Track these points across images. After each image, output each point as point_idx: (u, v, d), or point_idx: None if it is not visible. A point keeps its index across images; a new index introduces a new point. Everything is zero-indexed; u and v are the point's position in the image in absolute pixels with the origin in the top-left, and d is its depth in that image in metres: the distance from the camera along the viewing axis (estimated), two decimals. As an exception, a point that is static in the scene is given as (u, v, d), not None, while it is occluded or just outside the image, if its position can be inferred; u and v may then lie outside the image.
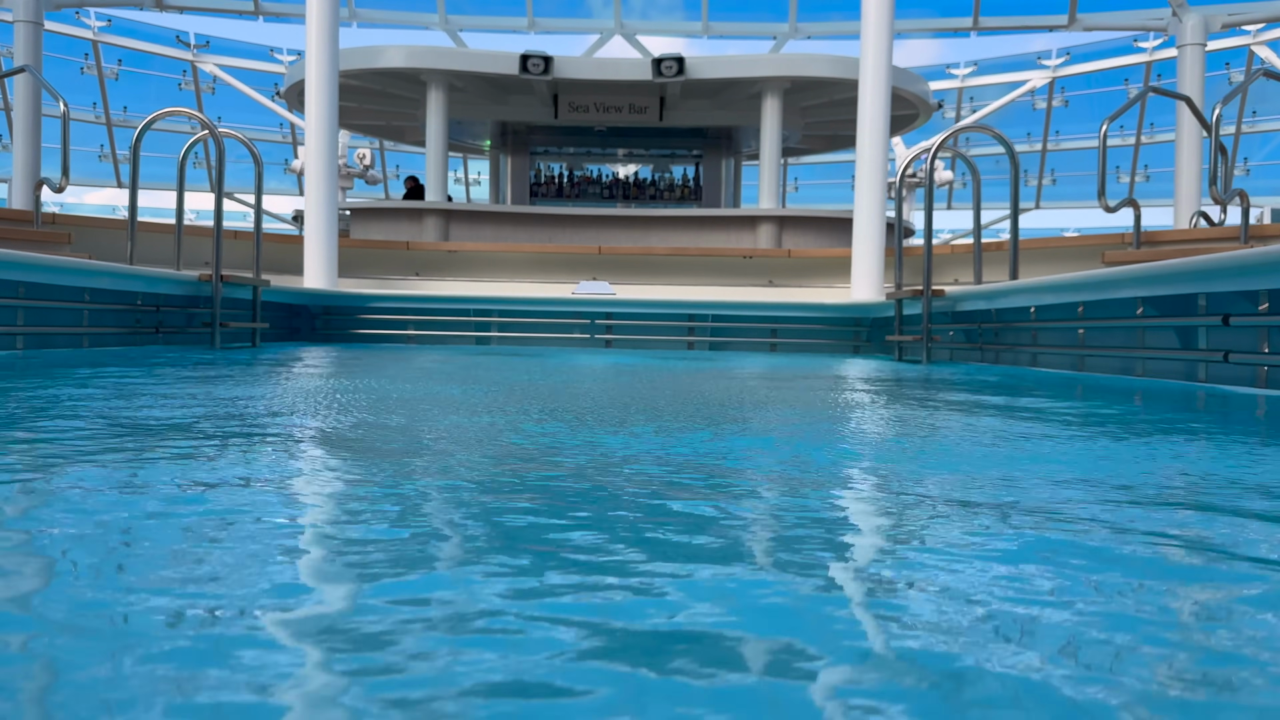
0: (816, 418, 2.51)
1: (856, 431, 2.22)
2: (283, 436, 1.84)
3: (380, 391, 2.95)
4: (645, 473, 1.47)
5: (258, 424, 2.03)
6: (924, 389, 3.76)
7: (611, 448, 1.75)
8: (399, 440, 1.85)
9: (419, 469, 1.49)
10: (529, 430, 2.01)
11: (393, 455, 1.64)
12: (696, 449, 1.76)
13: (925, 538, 1.08)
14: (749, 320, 8.33)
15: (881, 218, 8.60)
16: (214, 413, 2.22)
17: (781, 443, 1.95)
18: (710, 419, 2.34)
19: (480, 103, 13.96)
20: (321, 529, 1.10)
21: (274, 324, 7.92)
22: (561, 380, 3.72)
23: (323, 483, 1.39)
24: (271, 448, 1.67)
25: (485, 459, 1.60)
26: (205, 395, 2.70)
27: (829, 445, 1.94)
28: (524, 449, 1.74)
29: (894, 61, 8.91)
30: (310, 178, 8.72)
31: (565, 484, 1.36)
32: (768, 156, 12.42)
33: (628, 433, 1.99)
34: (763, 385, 3.71)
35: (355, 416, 2.22)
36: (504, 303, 8.48)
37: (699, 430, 2.09)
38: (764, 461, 1.68)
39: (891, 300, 6.76)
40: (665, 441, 1.87)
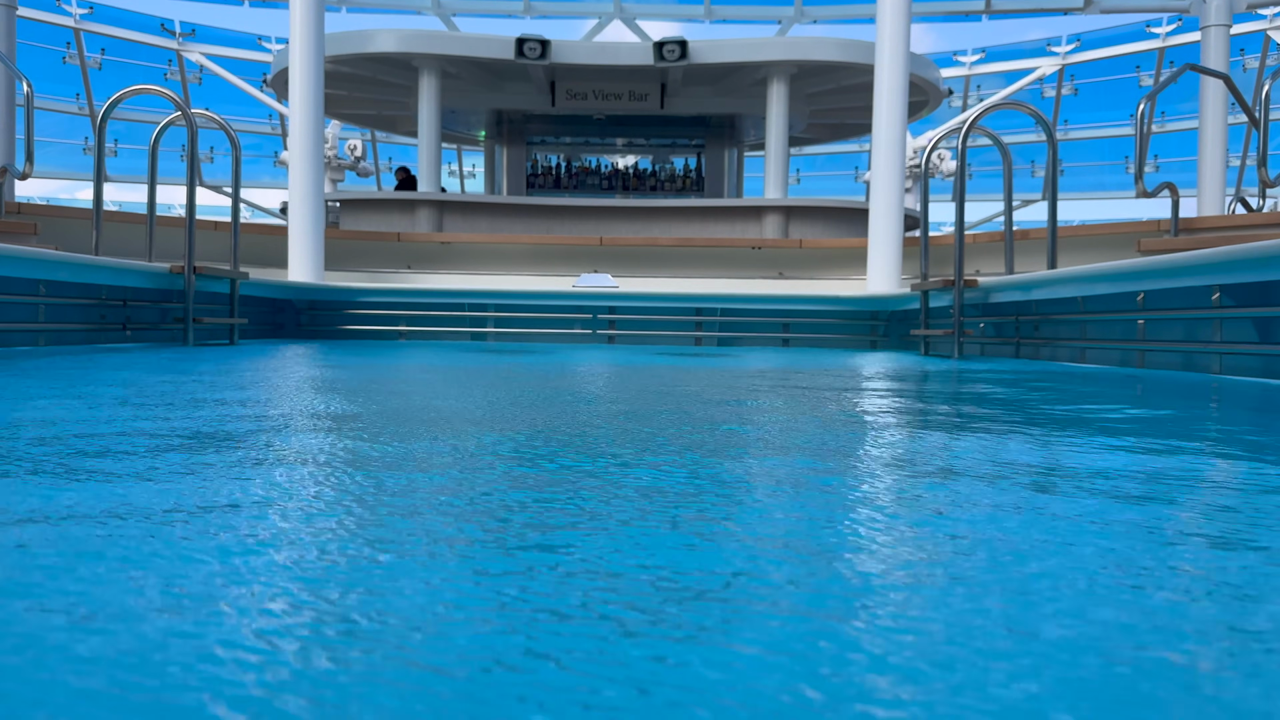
0: (908, 456, 2.05)
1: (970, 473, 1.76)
2: (208, 465, 1.37)
3: (348, 406, 2.49)
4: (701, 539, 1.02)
5: (189, 443, 1.57)
6: (992, 397, 3.30)
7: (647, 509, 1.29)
8: (366, 488, 1.38)
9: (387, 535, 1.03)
10: (538, 474, 1.55)
11: (360, 508, 1.17)
12: (779, 526, 1.30)
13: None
14: (760, 314, 7.87)
15: (899, 205, 8.14)
16: (137, 428, 1.76)
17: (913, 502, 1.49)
18: (773, 448, 1.88)
19: (475, 90, 13.47)
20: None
21: (256, 320, 7.44)
22: (570, 388, 3.26)
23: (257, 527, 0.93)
24: (191, 479, 1.21)
25: (481, 513, 1.13)
26: (138, 402, 2.23)
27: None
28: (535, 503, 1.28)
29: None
30: (294, 165, 8.24)
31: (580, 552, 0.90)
32: (774, 144, 11.95)
33: (667, 468, 1.53)
34: (811, 395, 3.25)
35: (314, 442, 1.75)
36: (501, 296, 8.01)
37: (762, 487, 1.63)
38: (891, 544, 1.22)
39: (916, 291, 6.30)
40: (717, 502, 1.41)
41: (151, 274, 5.59)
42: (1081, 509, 1.10)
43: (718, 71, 12.51)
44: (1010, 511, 1.08)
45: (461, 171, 22.61)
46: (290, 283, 7.73)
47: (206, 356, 4.62)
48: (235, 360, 4.33)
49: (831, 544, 0.92)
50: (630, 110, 13.62)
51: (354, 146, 15.83)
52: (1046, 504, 1.14)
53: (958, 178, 5.80)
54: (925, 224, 6.34)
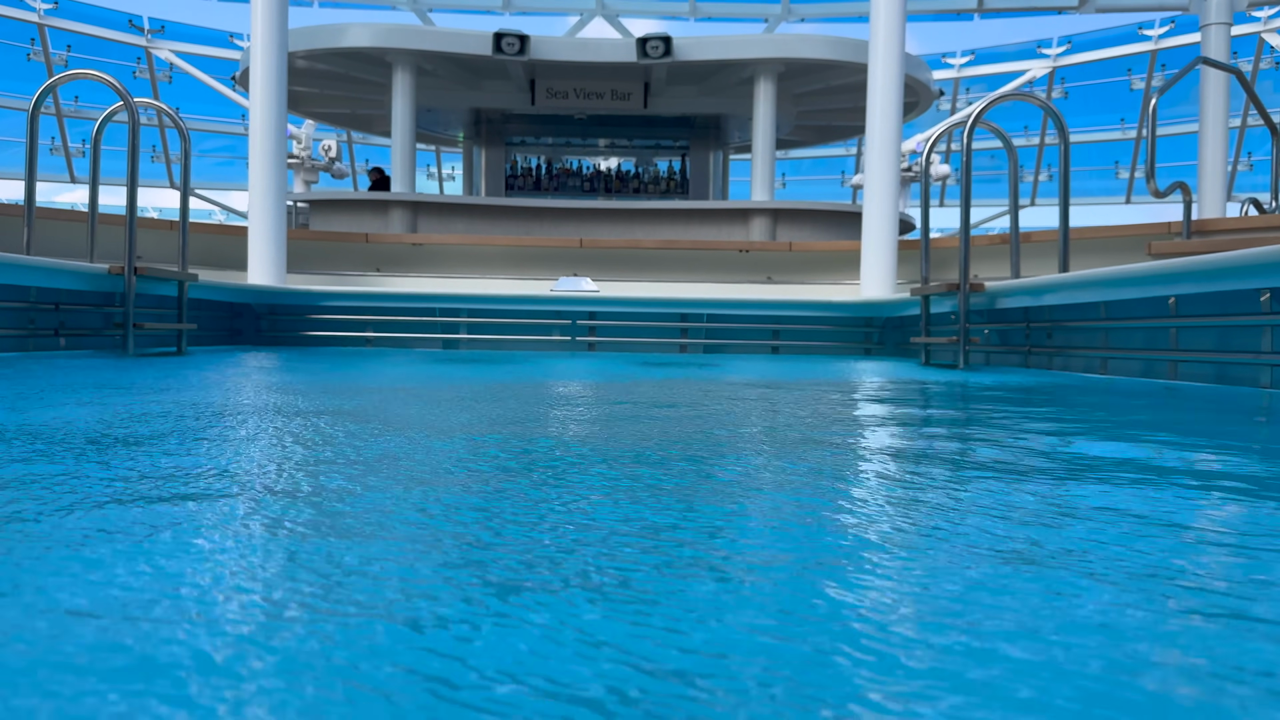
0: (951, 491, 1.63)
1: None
2: (107, 501, 0.94)
3: (296, 431, 2.05)
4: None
5: (84, 481, 1.13)
6: (1014, 411, 2.88)
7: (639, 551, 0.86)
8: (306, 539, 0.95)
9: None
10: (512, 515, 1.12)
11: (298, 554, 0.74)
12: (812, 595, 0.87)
13: None
14: (748, 320, 7.45)
15: (895, 207, 7.74)
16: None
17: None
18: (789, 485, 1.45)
19: (452, 88, 13.02)
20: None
21: (210, 325, 6.96)
22: (547, 401, 2.83)
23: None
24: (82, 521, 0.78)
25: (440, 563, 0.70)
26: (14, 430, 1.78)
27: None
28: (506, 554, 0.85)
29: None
30: (254, 160, 7.77)
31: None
32: (761, 145, 11.55)
33: (668, 514, 1.11)
34: (819, 410, 2.82)
35: (246, 475, 1.32)
36: (474, 301, 7.55)
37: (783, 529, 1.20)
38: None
39: (916, 296, 5.89)
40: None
41: (87, 275, 5.11)
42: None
43: (703, 70, 12.11)
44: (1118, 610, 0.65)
45: (440, 174, 22.13)
46: (248, 285, 7.25)
47: (139, 368, 4.15)
48: (168, 373, 3.86)
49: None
50: (613, 110, 13.20)
51: (328, 147, 15.32)
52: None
53: (964, 174, 5.39)
54: (926, 225, 5.93)
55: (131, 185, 5.36)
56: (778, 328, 7.47)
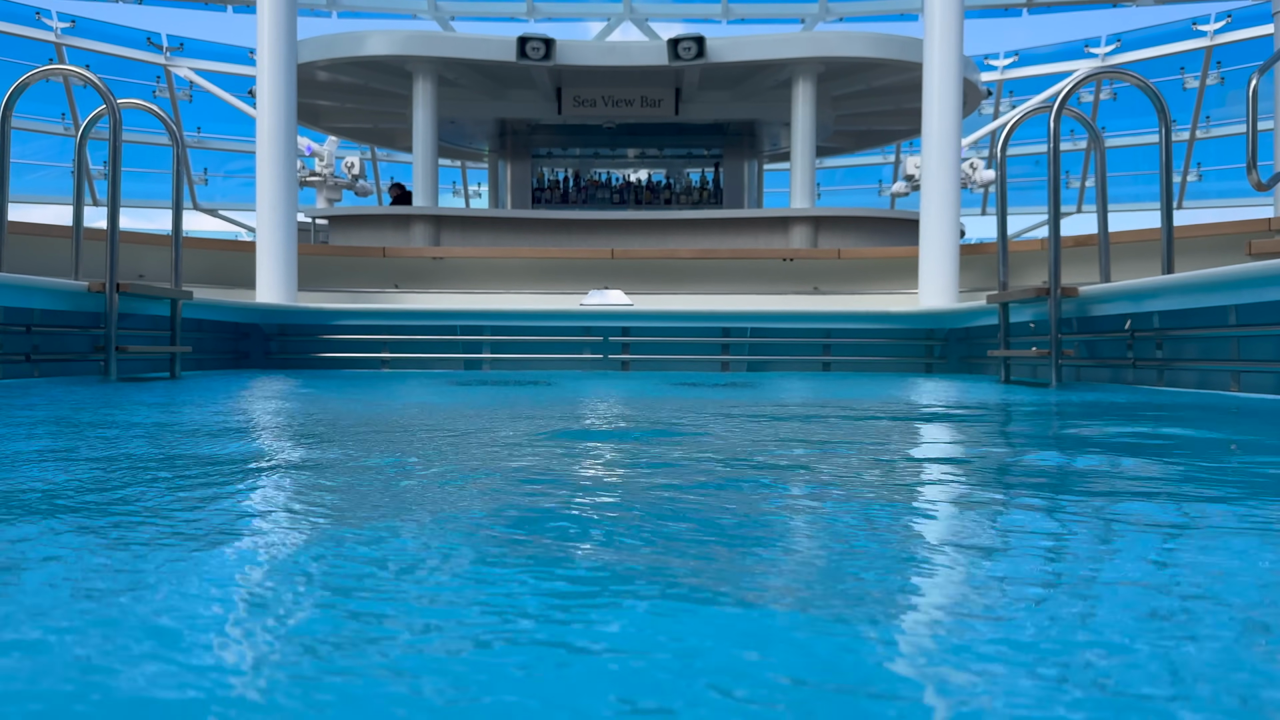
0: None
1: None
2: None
3: (280, 485, 1.45)
4: None
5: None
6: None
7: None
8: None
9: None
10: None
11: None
12: None
13: None
14: (797, 334, 6.81)
15: (955, 209, 7.09)
16: None
17: None
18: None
19: (475, 97, 12.50)
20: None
21: (213, 348, 6.42)
22: (563, 465, 2.23)
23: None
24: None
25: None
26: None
27: None
28: None
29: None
30: (262, 172, 7.25)
31: None
32: (800, 150, 10.91)
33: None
34: (939, 452, 2.19)
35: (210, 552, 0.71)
36: (498, 317, 6.97)
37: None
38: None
39: (992, 304, 5.22)
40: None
41: (64, 293, 4.57)
42: None
43: (738, 72, 11.50)
44: None
45: (466, 190, 21.68)
46: (253, 304, 6.71)
47: (107, 398, 3.58)
48: (137, 405, 3.29)
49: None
50: (642, 118, 12.62)
51: (351, 164, 14.87)
52: None
53: (1050, 163, 4.73)
54: (1003, 223, 5.27)
55: (113, 192, 4.82)
56: (829, 342, 6.82)
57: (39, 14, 15.32)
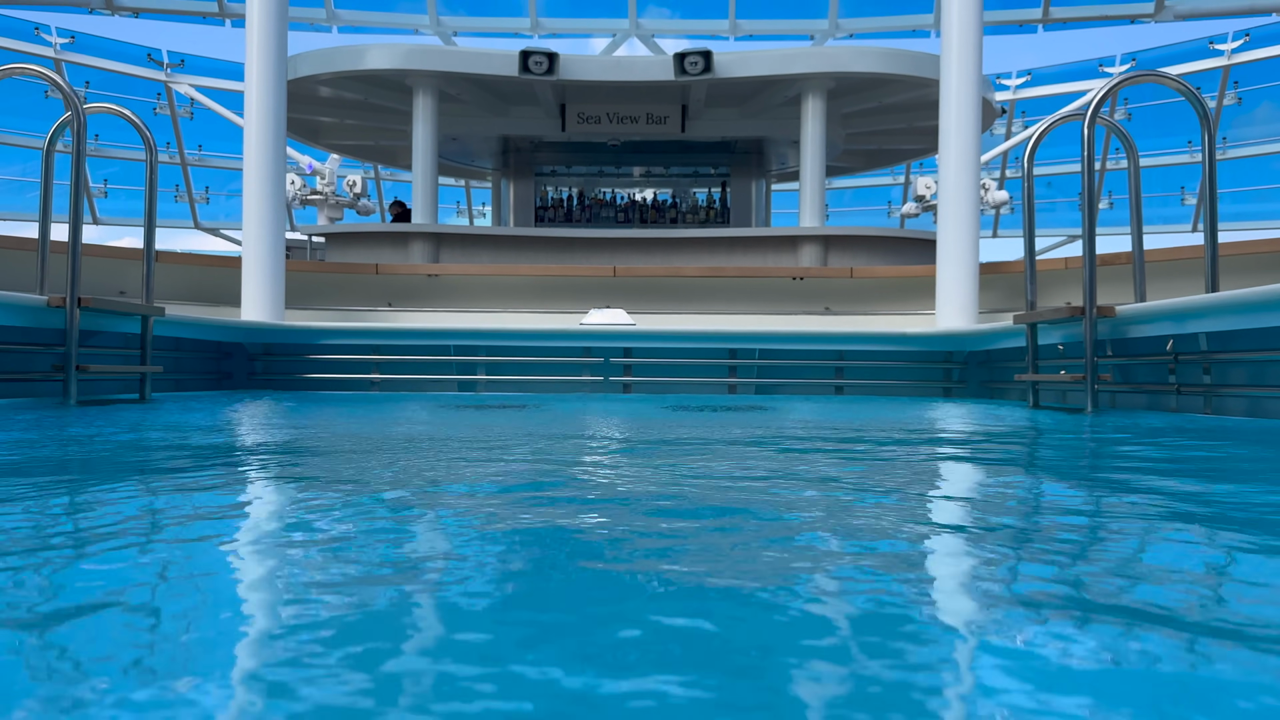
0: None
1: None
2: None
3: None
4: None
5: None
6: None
7: None
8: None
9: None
10: None
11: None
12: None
13: None
14: (808, 356, 6.46)
15: (974, 227, 6.76)
16: None
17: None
18: None
19: (478, 114, 12.23)
20: None
21: (194, 368, 6.10)
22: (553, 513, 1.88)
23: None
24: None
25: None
26: None
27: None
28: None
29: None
30: (249, 184, 6.95)
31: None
32: (810, 167, 10.60)
33: None
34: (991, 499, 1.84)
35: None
36: (494, 337, 6.64)
37: None
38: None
39: (1020, 325, 4.87)
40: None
41: (18, 308, 4.25)
42: None
43: (746, 88, 11.21)
44: None
45: (470, 209, 21.43)
46: (234, 322, 6.38)
47: (50, 423, 3.25)
48: (76, 433, 2.96)
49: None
50: (648, 135, 12.33)
51: (353, 183, 14.62)
52: None
53: (1084, 173, 4.40)
54: (1030, 240, 4.92)
55: (75, 201, 4.52)
56: (842, 364, 6.47)
57: (38, 29, 15.14)
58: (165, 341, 5.68)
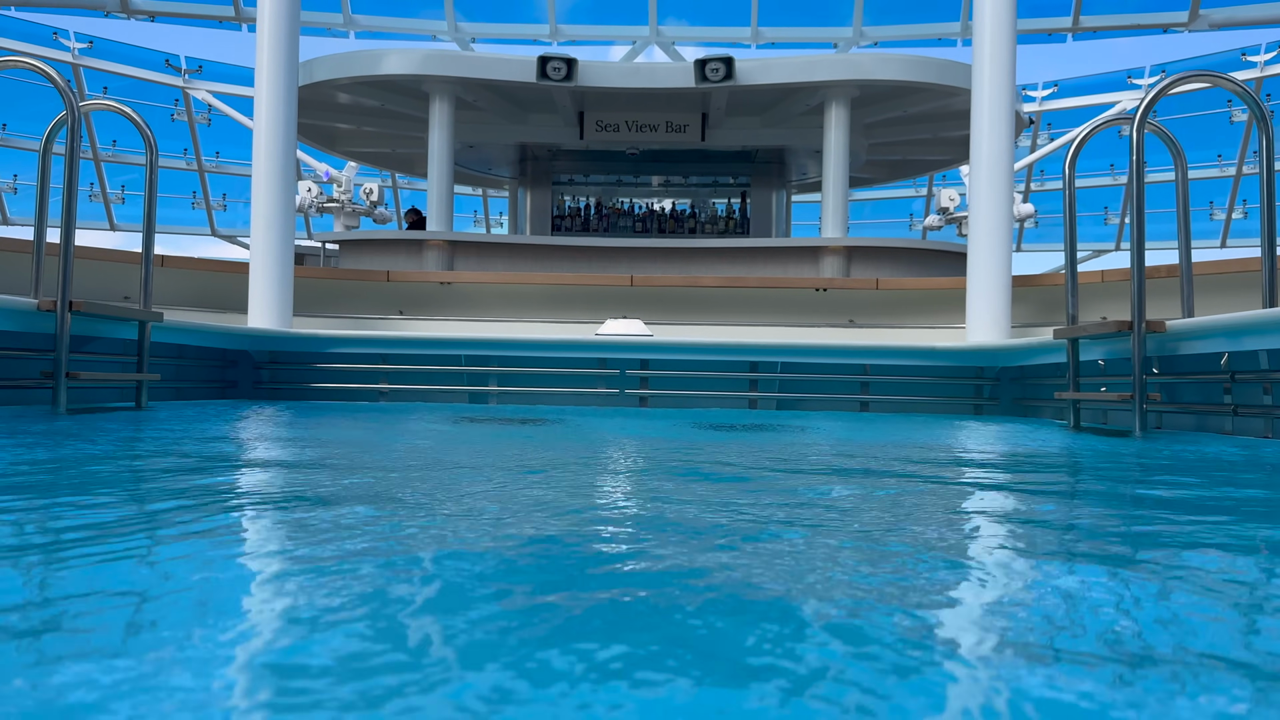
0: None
1: None
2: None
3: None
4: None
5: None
6: None
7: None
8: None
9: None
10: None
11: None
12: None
13: None
14: (832, 370, 6.20)
15: (1007, 237, 6.50)
16: None
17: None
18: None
19: (495, 121, 12.06)
20: None
21: (196, 376, 5.90)
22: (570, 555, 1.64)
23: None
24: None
25: None
26: None
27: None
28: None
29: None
30: (258, 187, 6.77)
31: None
32: (833, 176, 10.35)
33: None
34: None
35: None
36: (506, 347, 6.41)
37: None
38: None
39: (1060, 340, 4.60)
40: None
41: (6, 311, 4.05)
42: None
43: (767, 96, 10.99)
44: None
45: (488, 219, 21.27)
46: (239, 329, 6.18)
47: (22, 432, 3.04)
48: (46, 450, 2.75)
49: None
50: (667, 144, 12.12)
51: (369, 191, 14.48)
52: None
53: (1132, 179, 4.14)
54: (1072, 251, 4.66)
55: (68, 200, 4.32)
56: (867, 379, 6.21)
57: (56, 34, 15.09)
58: (166, 348, 5.49)
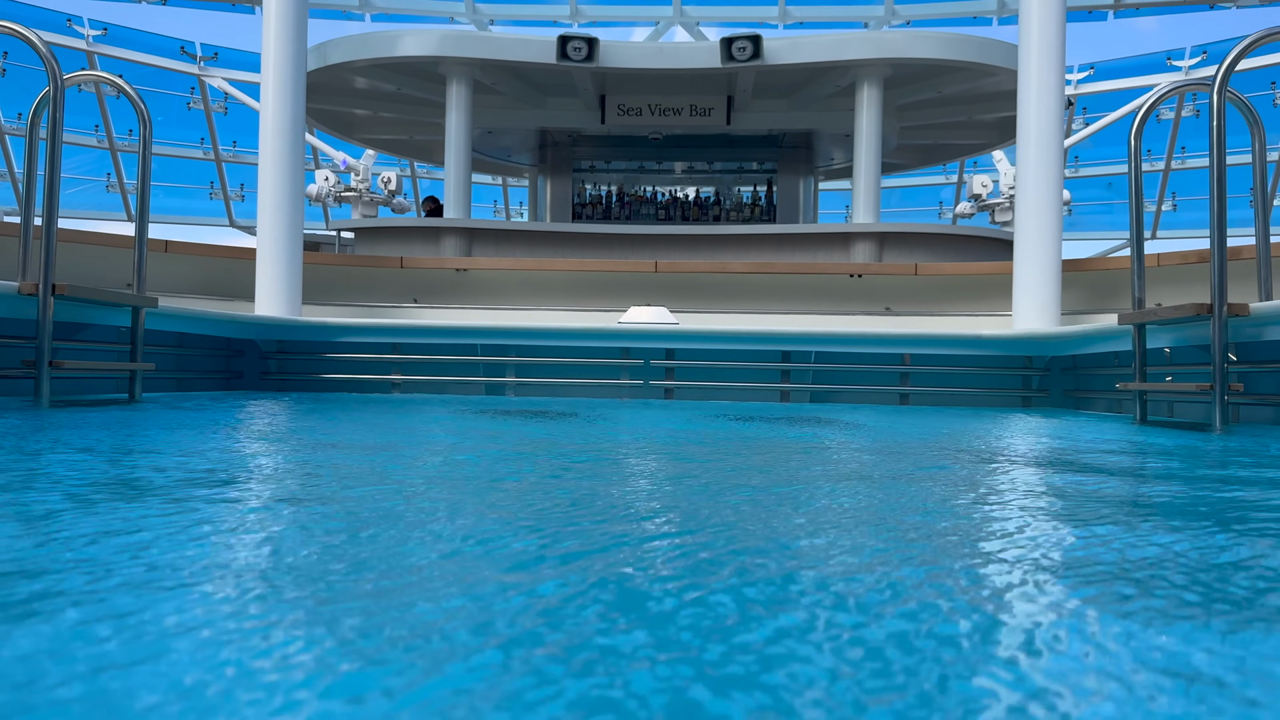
0: None
1: None
2: None
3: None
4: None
5: None
6: None
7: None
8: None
9: None
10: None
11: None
12: None
13: None
14: (870, 360, 5.83)
15: (1057, 217, 6.10)
16: None
17: None
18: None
19: (514, 105, 11.72)
20: None
21: (201, 366, 5.61)
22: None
23: None
24: None
25: None
26: None
27: None
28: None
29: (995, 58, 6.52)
30: (265, 170, 6.47)
31: None
32: (864, 160, 9.95)
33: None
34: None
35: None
36: (524, 336, 6.08)
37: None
38: None
39: (1125, 325, 4.22)
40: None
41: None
42: None
43: (796, 77, 10.59)
44: None
45: (509, 208, 20.95)
46: (245, 317, 5.88)
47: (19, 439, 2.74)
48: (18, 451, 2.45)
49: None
50: (691, 128, 11.75)
51: (387, 180, 14.20)
52: None
53: (1213, 149, 3.75)
54: (1138, 230, 4.28)
55: (51, 178, 4.02)
56: (908, 370, 5.84)
57: (70, 21, 14.88)
58: (167, 337, 5.20)
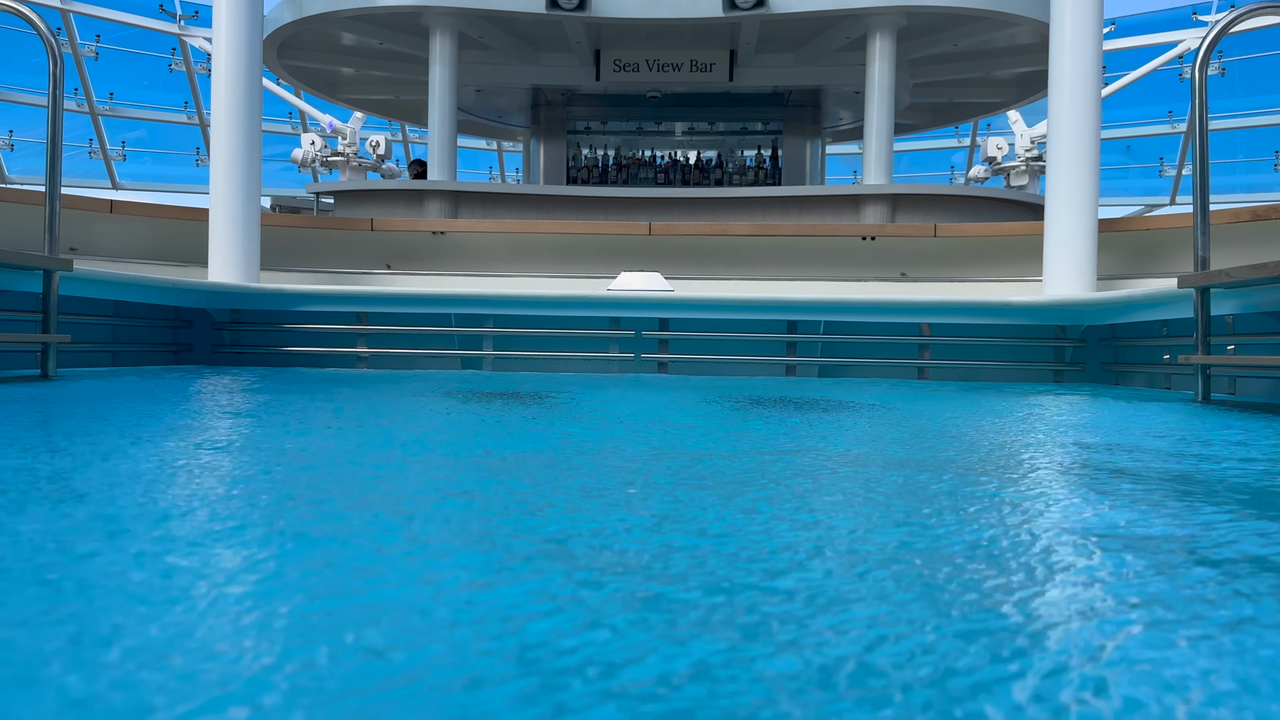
0: None
1: None
2: None
3: None
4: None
5: None
6: None
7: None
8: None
9: None
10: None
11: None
12: None
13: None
14: (885, 330, 5.25)
15: (1094, 171, 5.49)
16: None
17: None
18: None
19: (504, 61, 11.07)
20: None
21: (142, 338, 5.05)
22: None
23: None
24: None
25: None
26: None
27: None
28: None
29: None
30: (218, 123, 5.87)
31: None
32: (876, 117, 9.30)
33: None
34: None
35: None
36: (504, 305, 5.51)
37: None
38: None
39: (1185, 289, 3.64)
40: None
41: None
42: None
43: (803, 27, 9.93)
44: None
45: (504, 173, 20.30)
46: (197, 284, 5.30)
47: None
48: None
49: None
50: (692, 85, 11.10)
51: (376, 144, 13.57)
52: None
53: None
54: (1203, 181, 3.68)
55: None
56: (927, 341, 5.26)
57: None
58: (99, 305, 4.64)
